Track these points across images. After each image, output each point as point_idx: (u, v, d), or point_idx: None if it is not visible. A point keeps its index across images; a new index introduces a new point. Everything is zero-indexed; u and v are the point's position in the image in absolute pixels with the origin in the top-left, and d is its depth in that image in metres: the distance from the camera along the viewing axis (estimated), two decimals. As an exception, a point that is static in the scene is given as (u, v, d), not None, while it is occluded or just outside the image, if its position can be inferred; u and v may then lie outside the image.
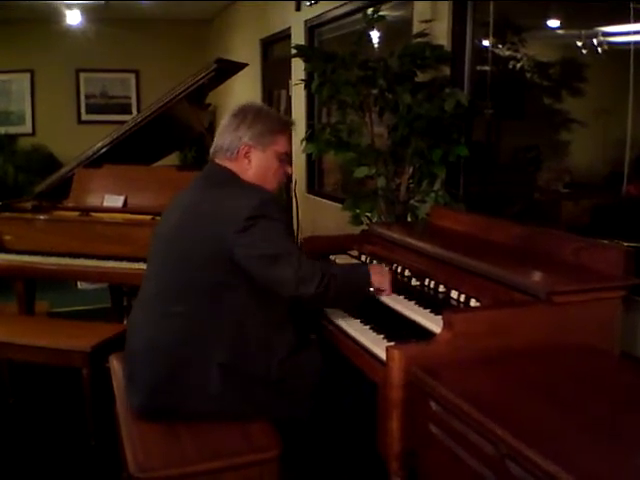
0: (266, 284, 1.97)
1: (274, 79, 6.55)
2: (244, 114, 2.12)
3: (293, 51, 3.53)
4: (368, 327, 2.07)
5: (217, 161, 2.14)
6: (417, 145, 3.09)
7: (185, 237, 2.02)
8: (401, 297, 2.22)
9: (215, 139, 2.15)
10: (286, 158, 2.21)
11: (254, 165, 2.11)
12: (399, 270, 2.50)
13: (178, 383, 1.98)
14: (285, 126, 2.21)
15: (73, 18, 7.35)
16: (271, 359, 2.03)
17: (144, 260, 3.34)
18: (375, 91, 3.21)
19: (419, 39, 3.25)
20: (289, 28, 5.73)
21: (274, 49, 6.62)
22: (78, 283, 5.51)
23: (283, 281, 1.94)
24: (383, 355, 1.79)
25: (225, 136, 2.11)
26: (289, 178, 2.21)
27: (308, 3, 5.14)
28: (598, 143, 2.96)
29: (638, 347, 2.23)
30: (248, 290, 1.97)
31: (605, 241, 2.37)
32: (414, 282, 2.36)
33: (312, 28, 5.33)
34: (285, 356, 2.06)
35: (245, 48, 7.18)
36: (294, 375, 2.07)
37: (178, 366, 1.98)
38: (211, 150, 2.17)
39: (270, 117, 2.15)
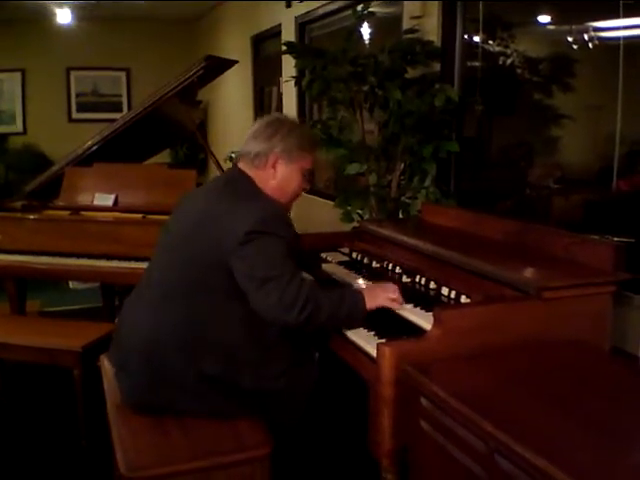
0: (252, 304, 1.95)
1: (265, 76, 6.53)
2: (279, 125, 2.16)
3: (283, 48, 3.52)
4: (359, 324, 2.07)
5: (240, 166, 2.16)
6: (407, 141, 3.09)
7: (194, 240, 2.02)
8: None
9: (244, 144, 2.17)
10: (309, 175, 2.25)
11: (278, 176, 2.14)
12: (390, 267, 2.50)
13: (170, 383, 1.99)
14: (315, 146, 2.28)
15: (64, 17, 7.30)
16: (263, 375, 2.04)
17: (135, 259, 3.37)
18: (365, 87, 3.21)
19: (409, 35, 3.24)
20: (279, 25, 5.71)
21: (265, 46, 6.60)
22: (69, 282, 5.50)
23: (266, 306, 1.93)
24: (374, 352, 1.79)
25: (257, 143, 2.13)
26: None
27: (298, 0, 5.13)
28: (588, 139, 2.95)
29: (628, 342, 2.24)
30: (246, 303, 1.96)
31: (595, 236, 2.37)
32: (405, 279, 2.36)
33: (303, 25, 5.32)
34: (278, 372, 2.06)
35: (236, 45, 7.15)
36: (286, 390, 2.07)
37: (171, 368, 1.99)
38: (237, 154, 2.20)
39: (303, 134, 2.21)
